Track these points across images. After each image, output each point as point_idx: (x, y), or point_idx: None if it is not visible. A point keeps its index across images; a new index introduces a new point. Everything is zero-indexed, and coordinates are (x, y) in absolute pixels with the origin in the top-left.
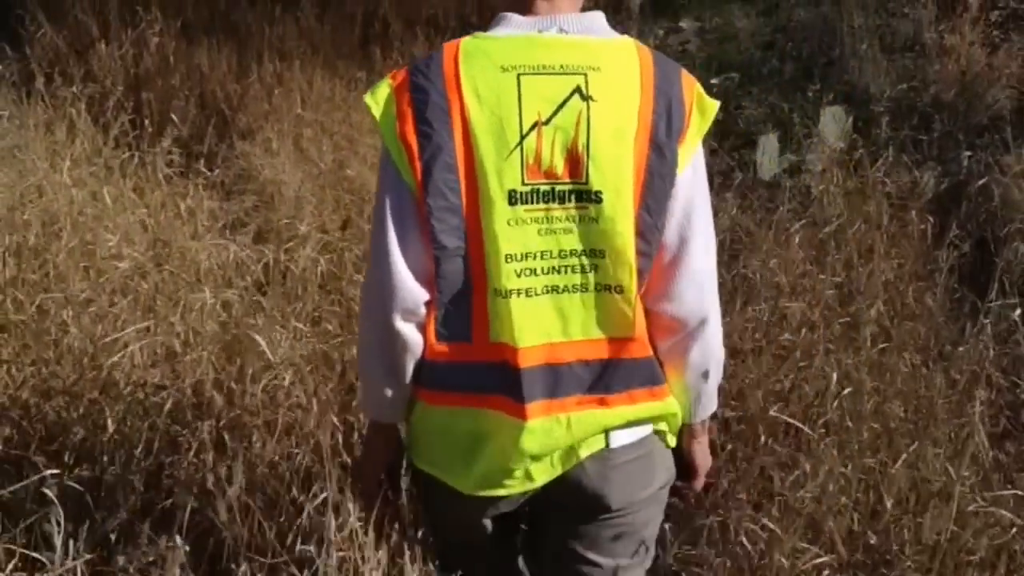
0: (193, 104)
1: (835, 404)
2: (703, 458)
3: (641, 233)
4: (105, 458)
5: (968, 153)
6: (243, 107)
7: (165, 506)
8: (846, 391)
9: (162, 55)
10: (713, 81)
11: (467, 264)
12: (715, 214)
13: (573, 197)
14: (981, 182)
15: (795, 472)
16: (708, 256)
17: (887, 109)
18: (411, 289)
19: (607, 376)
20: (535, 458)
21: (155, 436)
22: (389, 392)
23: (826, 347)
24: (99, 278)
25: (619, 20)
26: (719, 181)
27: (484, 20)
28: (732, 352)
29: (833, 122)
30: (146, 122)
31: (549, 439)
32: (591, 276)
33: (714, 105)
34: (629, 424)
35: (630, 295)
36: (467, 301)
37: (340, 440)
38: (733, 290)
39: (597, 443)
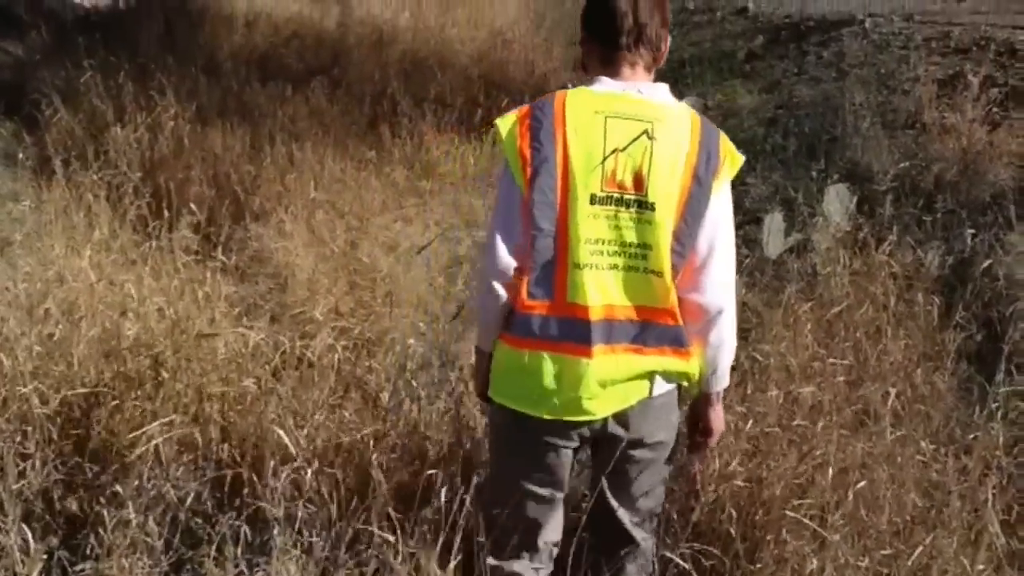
0: (207, 186)
1: (851, 496)
2: (718, 422)
3: (677, 237)
4: (126, 557)
5: (972, 231)
6: (256, 189)
7: None
8: (861, 484)
9: (176, 138)
10: None
11: (556, 243)
12: None
13: (635, 204)
14: (986, 264)
15: (811, 566)
16: (729, 262)
17: (890, 187)
18: (505, 259)
19: (645, 333)
20: (599, 387)
21: (177, 529)
22: (489, 333)
23: (839, 433)
24: (121, 368)
25: None
26: None
27: (490, 99)
28: (746, 438)
29: (837, 201)
30: (163, 205)
31: (605, 373)
32: (640, 261)
33: (741, 159)
34: (662, 376)
35: (667, 279)
36: (552, 270)
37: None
38: (744, 374)
39: (642, 391)
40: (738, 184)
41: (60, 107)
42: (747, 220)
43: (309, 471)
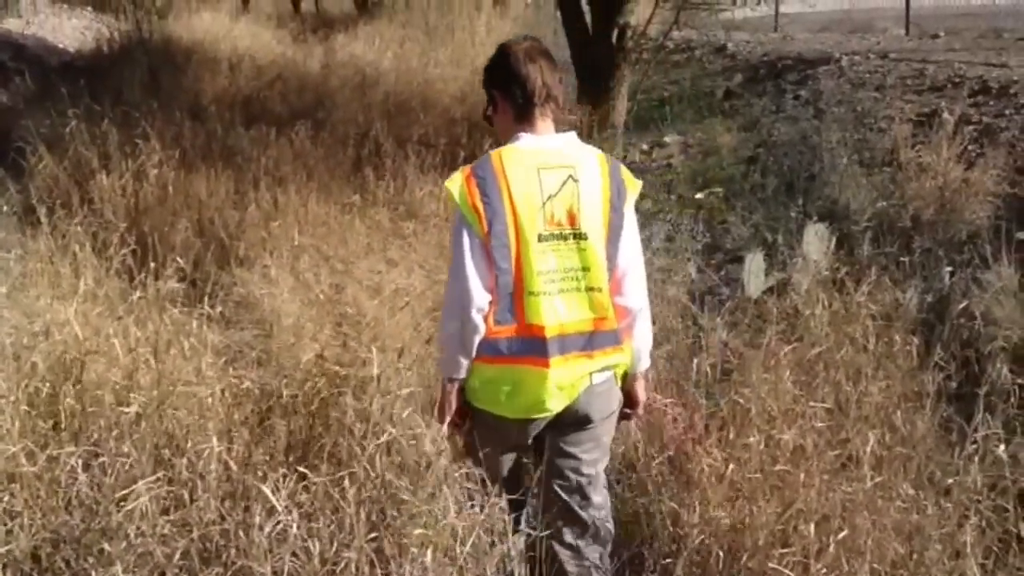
0: (192, 232)
1: (832, 545)
2: (642, 394)
3: (608, 257)
4: None
5: (949, 269)
6: (241, 234)
7: None
8: (843, 533)
9: (161, 184)
10: (698, 196)
11: (513, 278)
12: (705, 335)
13: (572, 236)
14: (963, 305)
15: None
16: (642, 269)
17: (868, 227)
18: (483, 295)
19: (592, 340)
20: (556, 391)
21: None
22: (464, 360)
23: (821, 479)
24: (106, 422)
25: (605, 137)
26: (708, 300)
27: (472, 139)
28: (728, 484)
29: (816, 240)
30: (148, 253)
31: (562, 378)
32: (582, 282)
33: (639, 184)
34: (603, 369)
35: (604, 293)
36: (512, 300)
37: None
38: (725, 418)
39: (586, 383)
40: (718, 223)
41: (45, 155)
42: (728, 259)
43: (294, 525)
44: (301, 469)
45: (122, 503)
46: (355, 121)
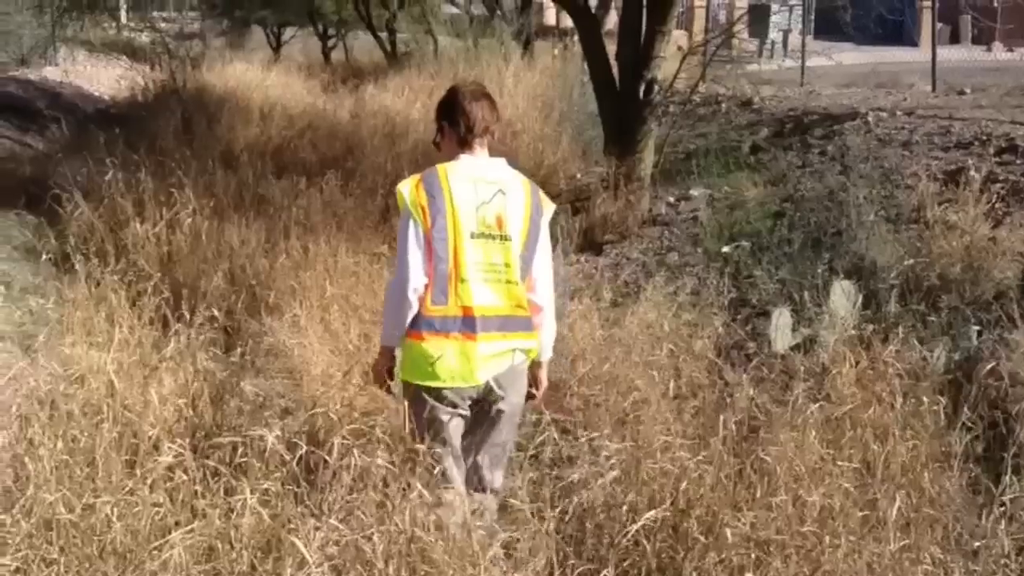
0: (224, 280)
1: None
2: (545, 380)
3: (524, 258)
4: None
5: (976, 328)
6: (272, 283)
7: None
8: None
9: (194, 233)
10: (724, 249)
11: (449, 266)
12: (732, 390)
13: (499, 238)
14: (990, 366)
15: None
16: (550, 273)
17: (895, 284)
18: (420, 278)
19: (509, 323)
20: (482, 363)
21: None
22: (397, 332)
23: (847, 539)
24: (141, 471)
25: (631, 189)
26: (735, 354)
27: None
28: (756, 544)
29: (843, 297)
30: (181, 301)
31: (486, 351)
32: (503, 275)
33: (553, 205)
34: (520, 350)
35: (519, 286)
36: (447, 284)
37: None
38: (752, 476)
39: (508, 363)
40: (744, 277)
41: (81, 202)
42: (754, 314)
43: None
44: (332, 522)
45: (156, 552)
46: (384, 170)
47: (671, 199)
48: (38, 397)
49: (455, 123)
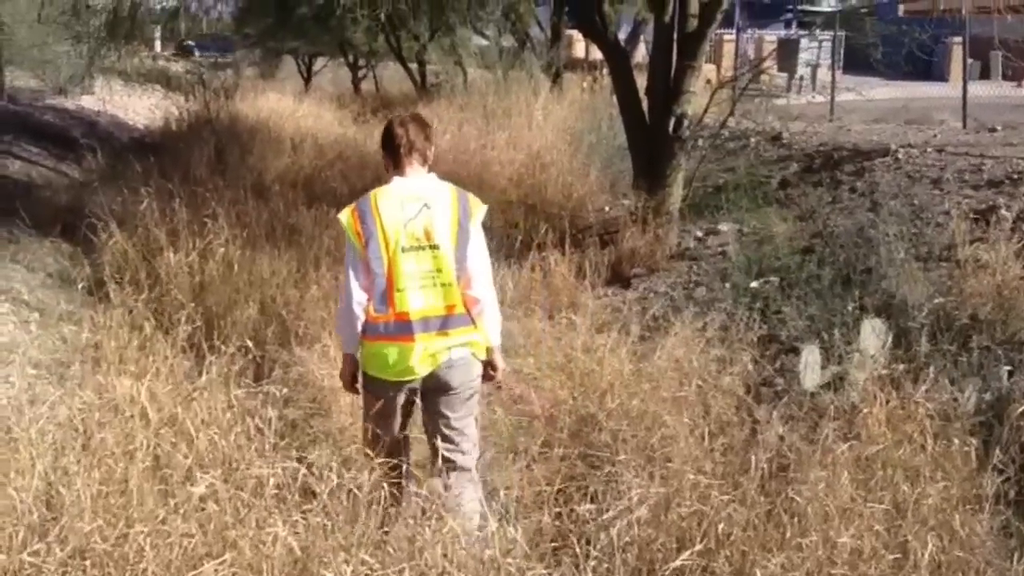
0: (254, 310)
1: None
2: (500, 362)
3: (456, 260)
4: None
5: (1008, 368)
6: (302, 313)
7: None
8: None
9: (226, 262)
10: (753, 285)
11: (386, 279)
12: (759, 431)
13: (428, 247)
14: (1022, 408)
15: None
16: (486, 269)
17: (925, 323)
18: (359, 293)
19: (447, 322)
20: (420, 360)
21: None
22: (351, 339)
23: None
24: (174, 501)
25: (659, 223)
26: (764, 391)
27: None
28: None
29: (873, 335)
30: (212, 330)
31: (424, 350)
32: (437, 279)
33: (484, 206)
34: (459, 346)
35: (454, 287)
36: (386, 294)
37: None
38: (783, 516)
39: (445, 356)
40: (773, 313)
41: (116, 231)
42: (784, 350)
43: None
44: (363, 556)
45: None
46: None
47: (699, 233)
48: (72, 426)
49: (387, 148)
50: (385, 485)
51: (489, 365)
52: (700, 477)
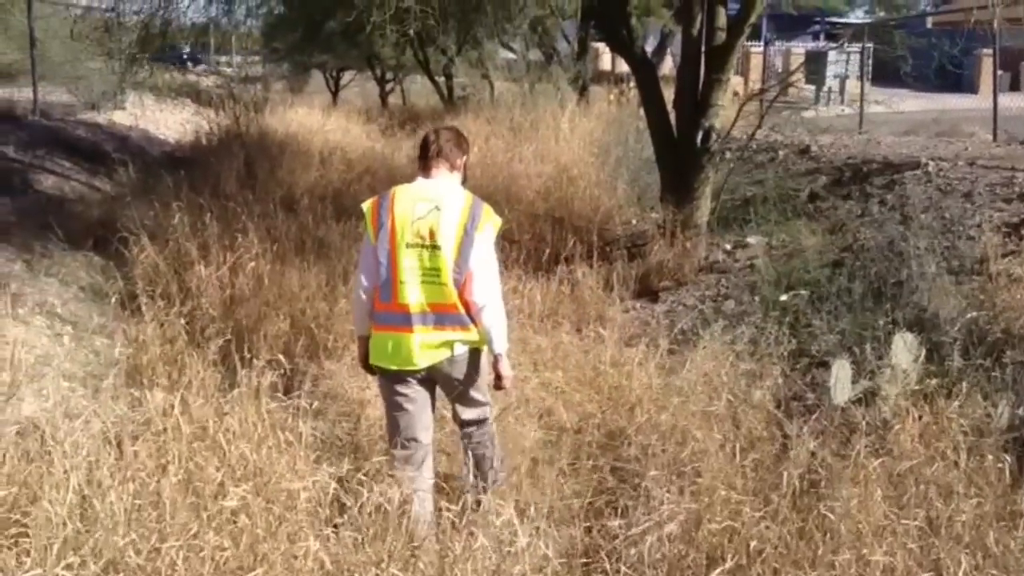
0: (284, 322)
1: None
2: (505, 370)
3: (456, 264)
4: None
5: None
6: (330, 326)
7: None
8: None
9: (256, 276)
10: (782, 298)
11: (390, 270)
12: (790, 447)
13: (430, 247)
14: None
15: None
16: (488, 276)
17: (957, 337)
18: (366, 281)
19: (442, 318)
20: (419, 351)
21: None
22: (362, 323)
23: None
24: (207, 514)
25: (688, 236)
26: (794, 406)
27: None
28: None
29: (905, 349)
30: (243, 343)
31: (422, 342)
32: (435, 278)
33: (499, 220)
34: (459, 343)
35: (450, 287)
36: (390, 285)
37: None
38: (815, 532)
39: (447, 354)
40: (803, 326)
41: (147, 245)
42: (814, 364)
43: None
44: (393, 571)
45: None
46: None
47: (728, 246)
48: (106, 439)
49: (420, 151)
50: (396, 473)
51: (495, 372)
52: (731, 493)
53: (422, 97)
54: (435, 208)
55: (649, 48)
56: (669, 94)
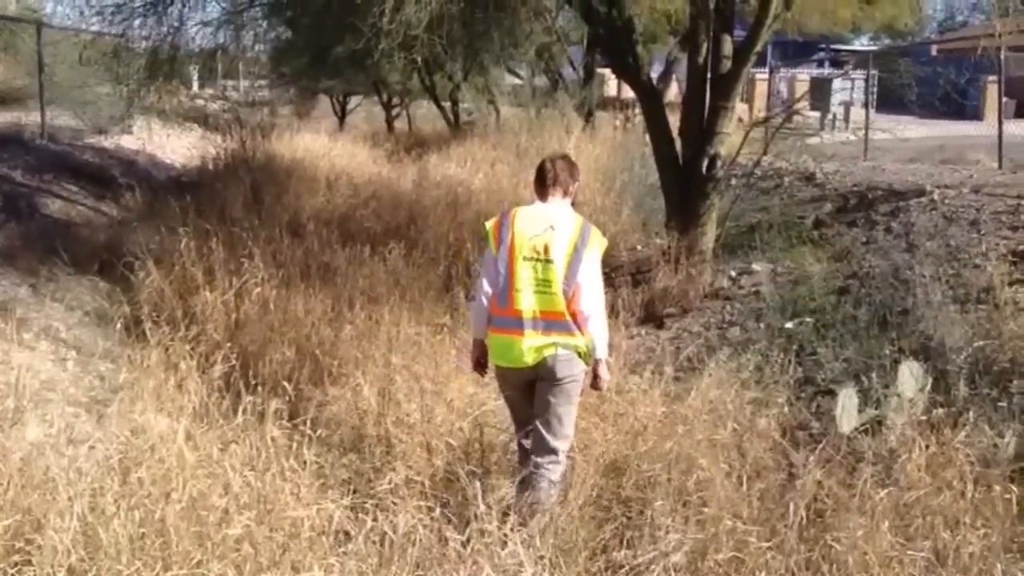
0: (288, 348)
1: None
2: (604, 374)
3: (565, 277)
4: None
5: None
6: (336, 352)
7: None
8: None
9: (262, 301)
10: (788, 325)
11: (507, 280)
12: (796, 477)
13: (544, 261)
14: None
15: None
16: (594, 290)
17: (964, 366)
18: (487, 288)
19: (552, 324)
20: (528, 352)
21: None
22: (480, 326)
23: None
24: (210, 543)
25: (693, 263)
26: (800, 435)
27: None
28: None
29: (911, 378)
30: (248, 368)
31: (531, 344)
32: (547, 289)
33: (605, 241)
34: (563, 346)
35: (559, 297)
36: (507, 293)
37: None
38: (821, 563)
39: (552, 352)
40: (808, 354)
41: (153, 270)
42: (820, 392)
43: None
44: None
45: None
46: (446, 240)
47: (733, 273)
48: (109, 466)
49: (537, 178)
50: (517, 449)
51: (595, 375)
52: (737, 522)
53: (428, 122)
54: (550, 227)
55: (655, 74)
56: (674, 120)
